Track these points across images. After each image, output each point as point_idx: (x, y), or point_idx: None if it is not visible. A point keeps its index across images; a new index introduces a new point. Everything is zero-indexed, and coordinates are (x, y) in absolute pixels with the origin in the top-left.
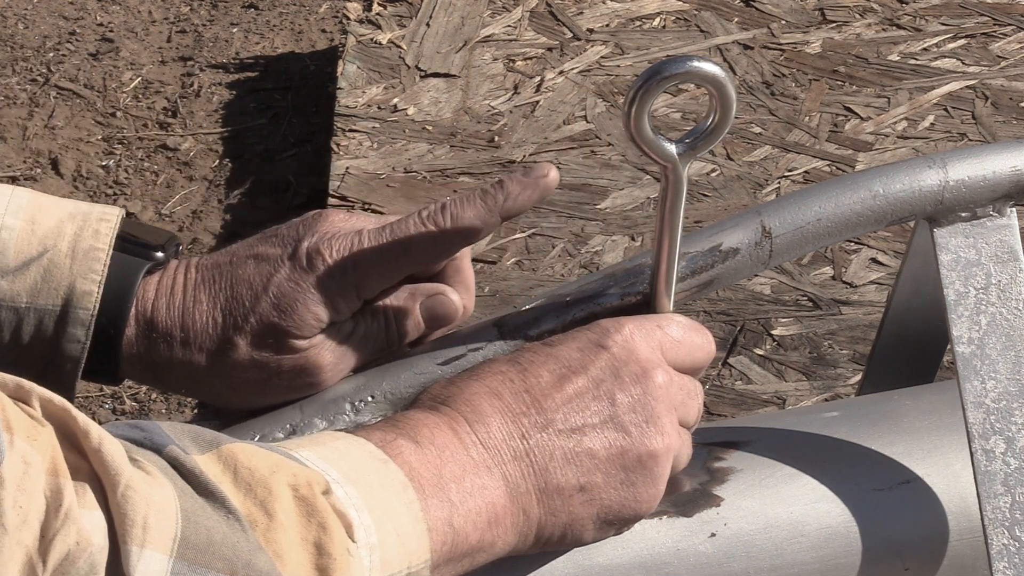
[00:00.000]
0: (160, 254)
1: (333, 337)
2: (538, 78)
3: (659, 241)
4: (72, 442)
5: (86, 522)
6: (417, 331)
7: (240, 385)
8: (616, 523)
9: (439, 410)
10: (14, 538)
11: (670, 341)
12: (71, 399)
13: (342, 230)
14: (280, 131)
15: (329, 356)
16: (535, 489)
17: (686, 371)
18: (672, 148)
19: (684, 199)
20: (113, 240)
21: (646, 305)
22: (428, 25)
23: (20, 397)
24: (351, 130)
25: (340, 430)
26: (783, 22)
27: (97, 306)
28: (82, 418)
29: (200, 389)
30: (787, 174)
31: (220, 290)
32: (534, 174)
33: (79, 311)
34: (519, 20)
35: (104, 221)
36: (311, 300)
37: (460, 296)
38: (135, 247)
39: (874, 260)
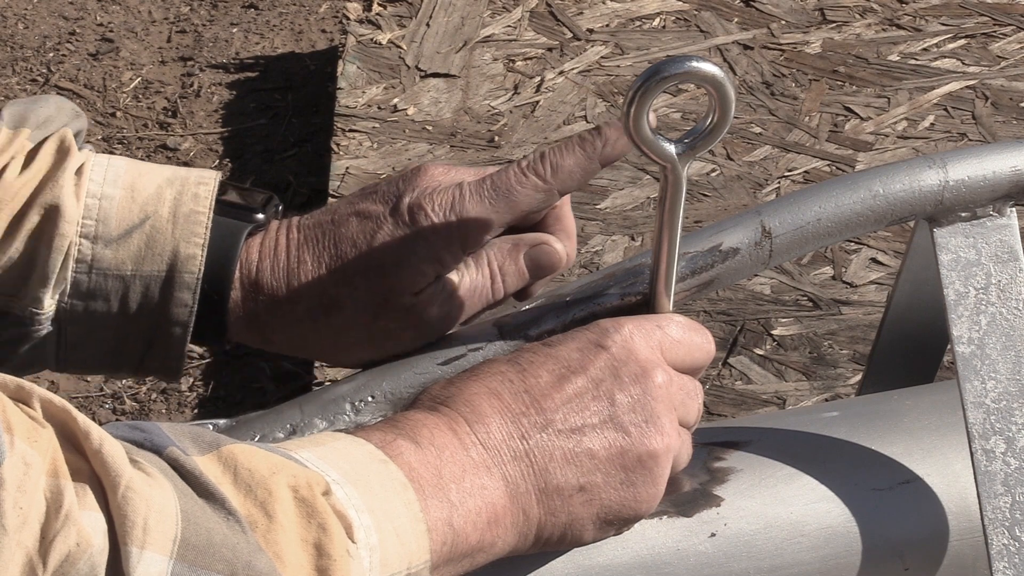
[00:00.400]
0: (260, 215)
1: (439, 292)
2: (538, 78)
3: (659, 241)
4: (72, 443)
5: (86, 523)
6: (521, 281)
7: (347, 343)
8: (616, 523)
9: (439, 410)
10: (14, 539)
11: (670, 341)
12: (181, 363)
13: (442, 184)
14: (280, 131)
15: (436, 311)
16: (535, 489)
17: (686, 371)
18: (671, 148)
19: (684, 199)
20: (213, 203)
21: (646, 305)
22: (428, 25)
23: (20, 398)
24: (351, 130)
25: (340, 430)
26: (783, 22)
27: (202, 269)
28: (82, 419)
29: (308, 348)
30: (787, 174)
31: (324, 249)
32: None
33: (184, 275)
34: (519, 20)
35: (203, 184)
36: (416, 255)
37: (563, 244)
38: (235, 210)
39: (874, 260)
